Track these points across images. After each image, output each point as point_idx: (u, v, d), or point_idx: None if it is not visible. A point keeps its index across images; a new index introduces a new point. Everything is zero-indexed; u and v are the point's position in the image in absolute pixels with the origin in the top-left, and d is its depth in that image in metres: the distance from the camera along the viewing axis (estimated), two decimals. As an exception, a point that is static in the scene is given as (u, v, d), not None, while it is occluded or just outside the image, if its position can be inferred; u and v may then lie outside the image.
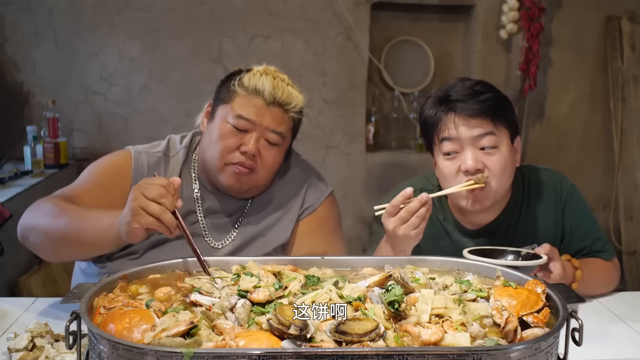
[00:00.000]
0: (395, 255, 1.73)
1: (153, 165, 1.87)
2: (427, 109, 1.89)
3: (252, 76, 1.80)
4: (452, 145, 1.83)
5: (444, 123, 1.83)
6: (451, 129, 1.82)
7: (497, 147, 1.82)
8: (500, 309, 1.17)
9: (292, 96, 1.81)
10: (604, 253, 1.98)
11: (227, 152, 1.78)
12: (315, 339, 1.07)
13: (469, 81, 1.89)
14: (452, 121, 1.81)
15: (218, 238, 1.88)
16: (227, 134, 1.77)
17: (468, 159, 1.80)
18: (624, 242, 4.25)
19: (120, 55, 3.95)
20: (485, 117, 1.80)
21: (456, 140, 1.82)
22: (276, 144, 1.81)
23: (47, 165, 3.55)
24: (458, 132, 1.81)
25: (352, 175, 4.18)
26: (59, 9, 3.87)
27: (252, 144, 1.76)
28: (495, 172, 1.81)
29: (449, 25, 4.35)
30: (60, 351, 1.38)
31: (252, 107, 1.77)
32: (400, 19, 4.30)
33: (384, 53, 4.27)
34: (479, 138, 1.81)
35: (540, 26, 3.96)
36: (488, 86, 1.88)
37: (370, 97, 4.26)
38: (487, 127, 1.81)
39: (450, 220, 1.99)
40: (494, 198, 1.86)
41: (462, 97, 1.82)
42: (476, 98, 1.81)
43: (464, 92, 1.83)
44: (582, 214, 1.99)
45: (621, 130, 4.23)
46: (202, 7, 3.96)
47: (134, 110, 3.99)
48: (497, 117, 1.82)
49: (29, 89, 3.94)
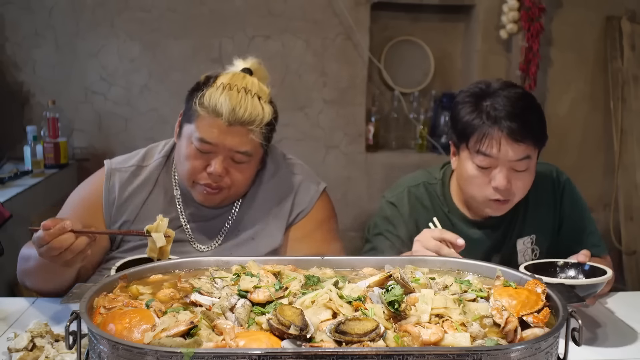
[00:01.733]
0: None
1: (125, 181, 1.87)
2: (467, 112, 1.82)
3: (213, 93, 1.70)
4: (488, 161, 1.80)
5: (487, 138, 1.77)
6: (494, 147, 1.77)
7: (528, 168, 1.83)
8: (500, 309, 1.17)
9: (254, 113, 1.71)
10: (598, 248, 1.99)
11: (194, 172, 1.76)
12: (315, 339, 1.07)
13: (513, 91, 1.82)
14: (497, 140, 1.76)
15: (204, 242, 1.86)
16: (193, 155, 1.75)
17: (501, 178, 1.79)
18: (624, 242, 4.24)
19: (120, 55, 3.95)
20: (529, 142, 1.77)
21: (494, 158, 1.79)
22: (244, 162, 1.77)
23: (47, 165, 3.54)
24: (500, 153, 1.77)
25: (352, 175, 4.18)
26: (59, 9, 3.87)
27: (217, 165, 1.73)
28: (519, 190, 1.84)
29: (449, 25, 4.35)
30: (60, 351, 1.38)
31: (213, 130, 1.70)
32: (400, 19, 4.30)
33: (384, 53, 4.27)
34: (516, 162, 1.79)
35: (540, 26, 3.96)
36: (532, 100, 1.85)
37: (370, 97, 4.26)
38: (527, 151, 1.79)
39: (455, 212, 2.00)
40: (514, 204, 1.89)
41: (509, 116, 1.75)
42: (522, 119, 1.76)
43: (510, 109, 1.77)
44: (578, 205, 2.02)
45: (621, 130, 4.23)
46: (202, 7, 3.95)
47: (134, 110, 3.99)
48: (538, 142, 1.81)
49: (29, 89, 3.94)
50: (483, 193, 1.84)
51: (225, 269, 1.44)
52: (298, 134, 4.16)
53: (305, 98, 4.13)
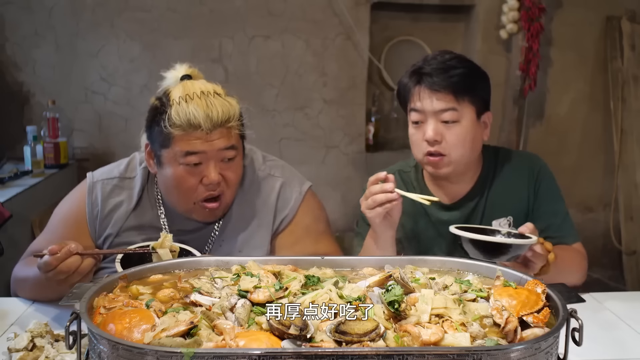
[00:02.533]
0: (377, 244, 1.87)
1: (108, 194, 1.85)
2: (403, 78, 1.99)
3: (179, 109, 1.66)
4: (418, 116, 1.93)
5: (412, 94, 1.94)
6: (417, 100, 1.92)
7: (458, 121, 1.90)
8: (500, 309, 1.17)
9: (227, 110, 1.69)
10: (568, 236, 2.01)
11: (191, 192, 1.73)
12: (315, 339, 1.07)
13: (447, 54, 1.96)
14: (418, 93, 1.92)
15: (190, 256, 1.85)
16: (184, 175, 1.71)
17: (429, 130, 1.90)
18: (624, 242, 4.25)
19: (120, 55, 3.95)
20: (448, 92, 1.88)
21: (421, 111, 1.92)
22: (233, 158, 1.75)
23: (47, 165, 3.55)
24: (422, 105, 1.91)
25: (352, 175, 4.18)
26: (59, 9, 3.87)
27: (212, 173, 1.70)
28: (452, 144, 1.90)
29: (449, 25, 4.35)
30: (60, 351, 1.38)
31: (195, 141, 1.67)
32: (400, 19, 4.30)
33: (384, 53, 4.27)
34: (441, 112, 1.89)
35: (540, 26, 3.96)
36: (462, 61, 1.95)
37: (370, 97, 4.26)
38: (449, 103, 1.89)
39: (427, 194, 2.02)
40: (456, 167, 1.94)
41: (431, 71, 1.90)
42: (445, 73, 1.89)
43: (435, 66, 1.91)
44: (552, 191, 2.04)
45: (621, 130, 4.24)
46: (202, 7, 3.96)
47: (134, 110, 3.99)
48: (460, 93, 1.89)
49: (29, 89, 3.94)
50: (420, 150, 1.95)
51: (225, 269, 1.44)
52: (298, 134, 4.16)
53: (305, 98, 4.13)
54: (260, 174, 1.92)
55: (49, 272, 1.53)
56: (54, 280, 1.54)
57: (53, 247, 1.53)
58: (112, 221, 1.84)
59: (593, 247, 4.30)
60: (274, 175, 1.92)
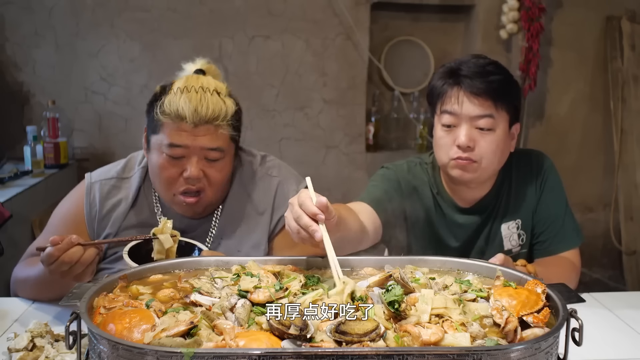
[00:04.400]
0: None
1: (106, 194, 1.86)
2: (436, 78, 1.92)
3: (172, 99, 1.69)
4: (451, 119, 1.86)
5: (448, 96, 1.86)
6: (454, 103, 1.84)
7: (492, 129, 1.85)
8: (500, 309, 1.17)
9: (217, 108, 1.70)
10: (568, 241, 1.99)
11: (171, 182, 1.74)
12: (315, 339, 1.07)
13: (482, 59, 1.91)
14: (457, 96, 1.84)
15: None
16: (166, 164, 1.73)
17: (462, 135, 1.83)
18: (624, 242, 4.25)
19: (120, 55, 3.95)
20: (488, 98, 1.83)
21: (455, 115, 1.85)
22: (218, 159, 1.75)
23: (47, 165, 3.55)
24: (459, 108, 1.84)
25: (352, 175, 4.19)
26: (59, 9, 3.87)
27: (192, 168, 1.71)
28: (484, 152, 1.85)
29: (449, 25, 4.35)
30: (60, 351, 1.38)
31: (180, 133, 1.69)
32: (400, 19, 4.30)
33: (384, 53, 4.27)
34: (477, 118, 1.84)
35: (540, 26, 3.96)
36: (499, 67, 1.90)
37: (370, 97, 4.26)
38: (487, 109, 1.83)
39: (443, 195, 2.02)
40: (482, 175, 1.90)
41: (470, 74, 1.84)
42: (484, 77, 1.83)
43: (474, 69, 1.85)
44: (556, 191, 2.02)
45: (621, 130, 4.24)
46: (202, 7, 3.96)
47: (134, 110, 3.99)
48: (499, 100, 1.84)
49: (29, 89, 3.94)
50: (448, 153, 1.87)
51: (225, 269, 1.44)
52: (298, 134, 4.16)
53: (305, 98, 4.13)
54: (258, 173, 1.92)
55: (52, 264, 1.52)
56: (57, 272, 1.53)
57: (54, 238, 1.52)
58: (111, 221, 1.84)
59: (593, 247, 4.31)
60: (271, 174, 1.92)
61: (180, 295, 1.30)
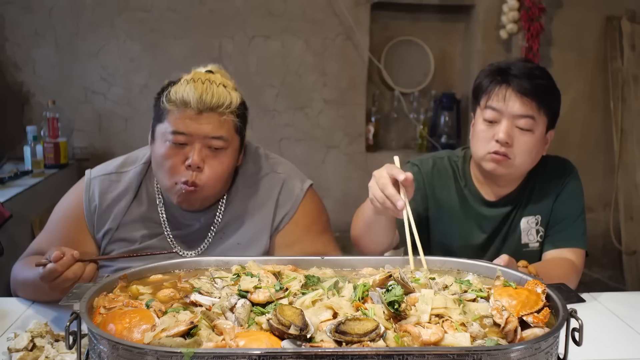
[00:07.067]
0: None
1: (105, 189, 1.86)
2: (483, 76, 1.99)
3: (179, 87, 1.73)
4: (493, 115, 1.92)
5: (495, 93, 1.93)
6: (500, 100, 1.91)
7: (531, 130, 1.92)
8: (500, 309, 1.17)
9: (222, 97, 1.72)
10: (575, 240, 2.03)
11: (174, 170, 1.74)
12: (315, 339, 1.07)
13: (530, 63, 2.01)
14: (503, 94, 1.91)
15: (189, 250, 1.84)
16: (169, 152, 1.73)
17: (502, 131, 1.90)
18: (624, 242, 4.25)
19: (120, 55, 3.95)
20: (533, 99, 1.90)
21: (499, 111, 1.91)
22: (221, 149, 1.75)
23: (47, 165, 3.54)
24: (505, 106, 1.90)
25: (352, 175, 4.18)
26: (59, 9, 3.87)
27: (195, 155, 1.71)
28: (521, 150, 1.92)
29: (449, 25, 4.35)
30: (60, 351, 1.38)
31: (184, 120, 1.70)
32: (400, 19, 4.30)
33: (384, 53, 4.27)
34: (519, 117, 1.90)
35: (540, 26, 3.96)
36: (545, 73, 1.99)
37: (370, 97, 4.26)
38: (530, 110, 1.90)
39: (471, 188, 2.08)
40: (513, 172, 1.97)
41: (519, 74, 1.91)
42: (532, 79, 1.91)
43: (523, 70, 1.93)
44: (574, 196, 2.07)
45: (621, 130, 4.23)
46: (202, 7, 3.96)
47: (134, 110, 3.99)
48: (542, 103, 1.92)
49: (29, 89, 3.94)
50: (486, 147, 1.93)
51: (225, 269, 1.44)
52: (298, 134, 4.16)
53: (305, 98, 4.13)
54: (262, 170, 1.92)
55: (54, 281, 1.50)
56: (59, 288, 1.51)
57: (56, 254, 1.50)
58: (112, 216, 1.84)
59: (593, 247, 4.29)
60: (276, 171, 1.92)
61: (180, 295, 1.30)
